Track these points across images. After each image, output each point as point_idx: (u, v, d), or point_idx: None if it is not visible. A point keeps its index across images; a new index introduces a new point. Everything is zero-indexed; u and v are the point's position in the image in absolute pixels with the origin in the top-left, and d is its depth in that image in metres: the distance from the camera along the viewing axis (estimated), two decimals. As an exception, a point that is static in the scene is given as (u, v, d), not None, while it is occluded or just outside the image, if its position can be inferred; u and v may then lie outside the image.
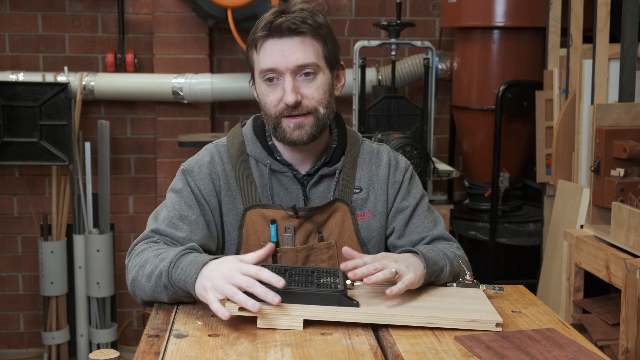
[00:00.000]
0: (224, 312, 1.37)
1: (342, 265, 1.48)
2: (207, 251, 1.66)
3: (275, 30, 1.63)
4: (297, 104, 1.63)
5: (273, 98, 1.66)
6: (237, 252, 1.72)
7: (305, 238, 1.73)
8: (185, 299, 1.53)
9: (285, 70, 1.63)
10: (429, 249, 1.67)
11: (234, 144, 1.76)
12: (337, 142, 1.78)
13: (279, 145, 1.75)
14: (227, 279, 1.40)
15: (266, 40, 1.64)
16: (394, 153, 1.84)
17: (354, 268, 1.47)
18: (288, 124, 1.66)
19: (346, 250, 1.51)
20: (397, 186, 1.81)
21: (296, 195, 1.74)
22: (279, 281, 1.38)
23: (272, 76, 1.65)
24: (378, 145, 1.85)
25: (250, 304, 1.36)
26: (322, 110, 1.66)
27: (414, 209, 1.80)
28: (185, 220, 1.67)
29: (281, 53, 1.63)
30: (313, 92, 1.65)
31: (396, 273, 1.48)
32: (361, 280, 1.47)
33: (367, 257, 1.51)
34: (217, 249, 1.74)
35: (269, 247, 1.49)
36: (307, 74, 1.64)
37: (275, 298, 1.37)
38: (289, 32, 1.63)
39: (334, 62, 1.71)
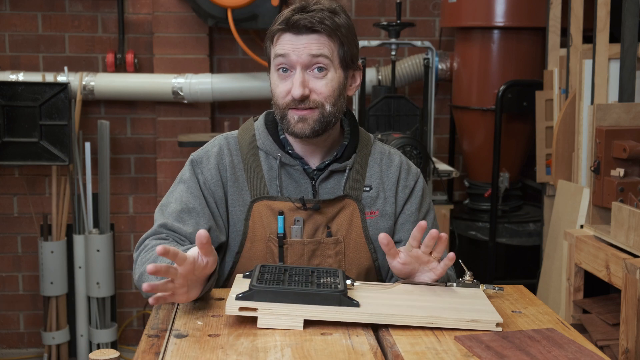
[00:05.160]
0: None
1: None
2: (215, 241, 1.69)
3: (292, 27, 1.65)
4: (303, 98, 1.65)
5: (282, 89, 1.68)
6: (242, 243, 1.74)
7: (313, 232, 1.74)
8: None
9: (296, 61, 1.64)
10: None
11: (245, 137, 1.78)
12: (349, 139, 1.79)
13: (290, 138, 1.76)
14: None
15: (282, 34, 1.67)
16: (405, 158, 1.85)
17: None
18: (293, 115, 1.67)
19: (383, 236, 1.53)
20: (408, 192, 1.81)
21: (305, 189, 1.74)
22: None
23: (285, 66, 1.66)
24: (389, 148, 1.86)
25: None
26: (328, 107, 1.67)
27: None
28: (193, 212, 1.70)
29: (295, 46, 1.65)
30: (322, 87, 1.66)
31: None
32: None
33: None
34: (227, 239, 1.76)
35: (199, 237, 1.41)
36: (320, 69, 1.65)
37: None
38: (305, 29, 1.65)
39: (350, 62, 1.71)
